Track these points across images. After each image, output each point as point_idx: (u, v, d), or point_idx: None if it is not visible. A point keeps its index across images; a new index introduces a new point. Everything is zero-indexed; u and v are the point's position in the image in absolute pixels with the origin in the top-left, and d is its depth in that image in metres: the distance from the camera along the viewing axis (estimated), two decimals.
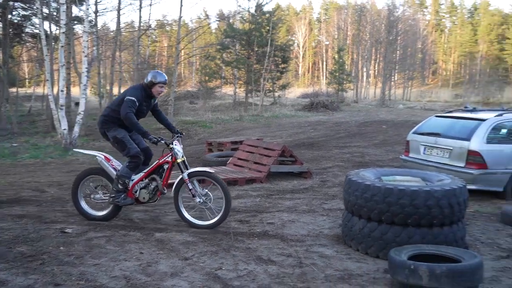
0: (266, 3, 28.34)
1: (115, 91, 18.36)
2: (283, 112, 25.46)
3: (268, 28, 27.45)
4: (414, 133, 7.71)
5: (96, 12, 16.88)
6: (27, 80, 34.81)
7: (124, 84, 24.14)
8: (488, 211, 6.01)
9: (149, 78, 5.04)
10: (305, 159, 9.90)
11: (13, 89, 23.51)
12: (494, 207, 6.15)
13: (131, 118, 4.86)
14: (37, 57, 25.05)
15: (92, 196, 5.25)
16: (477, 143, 6.54)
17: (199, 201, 4.99)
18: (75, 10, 19.81)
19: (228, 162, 8.72)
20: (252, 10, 28.32)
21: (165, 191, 5.12)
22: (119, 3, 16.59)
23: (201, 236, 4.70)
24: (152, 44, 42.38)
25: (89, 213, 5.24)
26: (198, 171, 5.10)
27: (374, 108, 31.29)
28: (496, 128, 6.78)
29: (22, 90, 27.75)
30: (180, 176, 5.00)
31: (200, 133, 16.83)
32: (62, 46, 12.75)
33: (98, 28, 18.43)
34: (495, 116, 6.88)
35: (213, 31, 57.91)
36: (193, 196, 4.97)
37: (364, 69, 52.95)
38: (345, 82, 38.09)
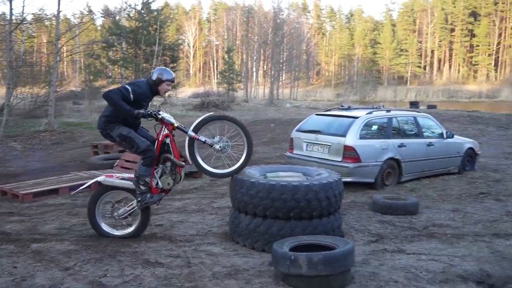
0: (153, 1, 27.70)
1: None
2: (174, 112, 25.11)
3: (156, 26, 26.88)
4: (297, 131, 8.15)
5: None
6: None
7: None
8: (362, 200, 6.59)
9: (156, 75, 4.65)
10: None
11: None
12: (367, 197, 6.75)
13: (112, 98, 4.37)
14: None
15: (115, 214, 4.72)
16: (351, 139, 7.12)
17: (220, 146, 4.60)
18: None
19: (115, 165, 8.40)
20: (139, 8, 27.48)
21: (184, 163, 4.70)
22: None
23: (84, 243, 4.48)
24: (29, 40, 39.00)
25: (114, 234, 4.71)
26: (201, 120, 4.63)
27: (263, 107, 32.36)
28: (367, 125, 7.46)
29: None
30: (187, 137, 4.60)
31: (85, 135, 15.91)
32: None
33: None
34: (366, 114, 7.57)
35: (98, 28, 55.08)
36: (211, 146, 4.60)
37: (253, 69, 54.44)
38: (235, 82, 38.84)
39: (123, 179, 4.71)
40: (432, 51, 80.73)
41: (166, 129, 4.63)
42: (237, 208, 4.56)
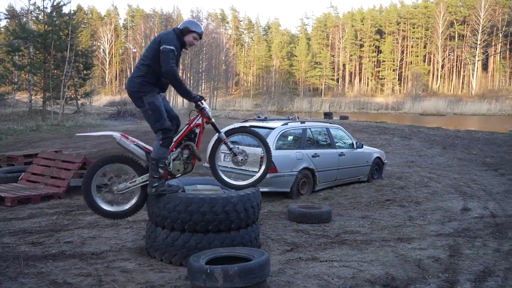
0: (64, 4, 26.29)
1: None
2: (88, 121, 24.02)
3: (67, 31, 25.54)
4: None
5: None
6: None
7: None
8: (278, 210, 6.75)
9: (184, 25, 4.43)
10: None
11: None
12: (283, 206, 6.93)
13: (177, 74, 4.21)
14: None
15: (114, 188, 4.35)
16: None
17: (241, 160, 4.63)
18: None
19: (20, 178, 7.82)
20: (49, 11, 25.96)
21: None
22: None
23: None
24: None
25: (108, 210, 4.40)
26: (235, 128, 4.68)
27: (183, 117, 31.87)
28: (283, 136, 7.68)
29: None
30: (216, 136, 4.53)
31: None
32: None
33: None
34: (281, 125, 7.79)
35: (2, 30, 51.12)
36: (235, 155, 4.58)
37: None
38: None
39: (138, 145, 4.44)
40: (344, 65, 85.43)
41: (201, 119, 4.56)
42: (154, 222, 4.45)
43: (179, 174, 4.60)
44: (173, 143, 4.50)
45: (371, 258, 4.54)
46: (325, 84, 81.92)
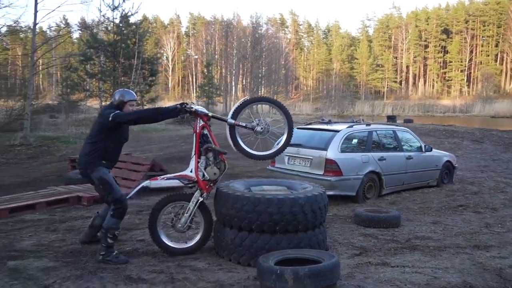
0: (132, 14, 27.55)
1: None
2: (153, 126, 24.92)
3: (134, 40, 26.74)
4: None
5: None
6: None
7: None
8: (344, 214, 6.62)
9: (117, 98, 4.60)
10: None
11: None
12: (349, 210, 6.79)
13: (138, 112, 4.56)
14: None
15: (178, 226, 4.55)
16: (333, 152, 7.18)
17: (262, 128, 4.67)
18: None
19: None
20: (117, 21, 27.32)
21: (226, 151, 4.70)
22: None
23: (63, 260, 4.35)
24: (3, 52, 38.33)
25: (175, 248, 4.57)
26: (238, 106, 4.69)
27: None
28: (348, 138, 7.54)
29: None
30: (227, 126, 4.67)
31: (63, 149, 15.60)
32: None
33: None
34: (346, 128, 7.65)
35: (76, 40, 54.51)
36: (253, 129, 4.66)
37: (233, 83, 54.61)
38: (214, 95, 38.87)
39: (169, 178, 4.62)
40: (407, 67, 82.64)
41: (201, 120, 4.62)
42: (222, 222, 4.51)
43: (218, 176, 4.63)
44: (194, 155, 4.60)
45: (446, 265, 4.32)
46: (387, 87, 79.66)
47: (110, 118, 4.38)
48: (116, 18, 27.55)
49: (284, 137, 4.86)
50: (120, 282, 3.81)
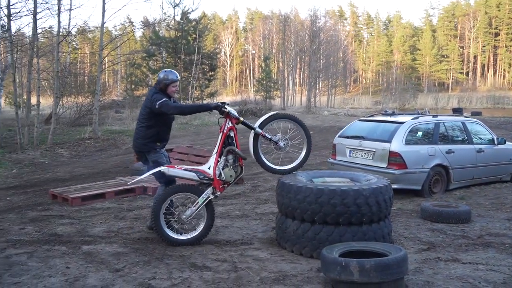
0: (192, 10, 28.20)
1: (33, 100, 17.28)
2: (213, 120, 25.35)
3: (194, 36, 27.33)
4: (339, 136, 8.02)
5: (9, 15, 15.78)
6: None
7: (43, 93, 22.84)
8: (409, 208, 6.38)
9: (161, 79, 4.84)
10: None
11: None
12: (414, 204, 6.54)
13: (182, 106, 5.07)
14: None
15: (183, 216, 4.57)
16: (397, 145, 6.93)
17: (284, 145, 4.86)
18: None
19: None
20: (178, 18, 28.05)
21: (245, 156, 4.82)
22: (35, 7, 15.62)
23: (132, 246, 4.53)
24: (73, 51, 40.56)
25: (178, 239, 4.58)
26: (268, 117, 4.87)
27: (301, 115, 32.17)
28: (413, 130, 7.24)
29: None
30: (252, 133, 4.81)
31: (128, 142, 16.26)
32: None
33: (12, 33, 17.24)
34: (411, 119, 7.35)
35: (138, 38, 56.61)
36: (276, 143, 4.83)
37: (290, 77, 54.37)
38: (272, 89, 38.90)
39: (186, 170, 4.69)
40: (475, 57, 78.15)
41: (230, 122, 4.74)
42: (284, 213, 4.50)
43: (233, 180, 4.74)
44: (216, 154, 4.69)
45: None
46: (452, 78, 75.81)
47: (157, 106, 4.66)
48: (177, 15, 28.30)
49: (302, 154, 5.01)
50: (185, 269, 3.90)
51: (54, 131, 15.95)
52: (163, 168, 4.62)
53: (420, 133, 7.42)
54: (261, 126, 4.78)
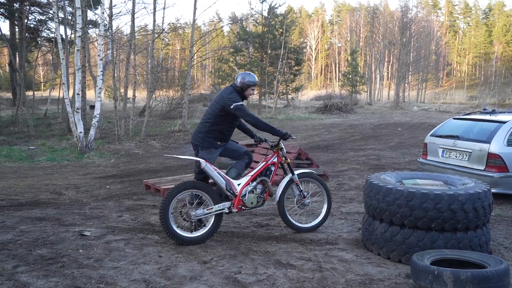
0: (279, 5, 28.41)
1: (130, 93, 18.50)
2: (297, 115, 25.39)
3: (281, 30, 27.44)
4: (432, 135, 7.61)
5: (110, 16, 17.01)
6: (42, 84, 35.32)
7: (138, 87, 24.35)
8: (510, 215, 5.89)
9: (241, 80, 4.83)
10: (321, 161, 9.84)
11: (29, 93, 23.87)
12: None
13: (257, 118, 4.76)
14: (53, 61, 25.38)
15: (192, 213, 4.53)
16: (497, 146, 6.42)
17: (309, 202, 5.12)
18: (90, 14, 20.01)
19: None
20: (265, 13, 28.32)
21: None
22: (133, 7, 16.69)
23: (218, 240, 4.68)
24: (166, 47, 42.71)
25: (185, 236, 4.49)
26: (307, 172, 5.15)
27: (388, 110, 31.05)
28: None
29: (38, 94, 28.13)
30: (288, 178, 4.98)
31: None
32: (77, 50, 12.88)
33: (113, 32, 18.58)
34: None
35: (226, 34, 58.15)
36: (304, 197, 5.06)
37: (377, 71, 52.58)
38: (358, 84, 37.94)
39: (220, 174, 4.71)
40: None
41: (276, 158, 4.96)
42: (371, 215, 4.37)
43: (252, 207, 4.80)
44: (250, 176, 4.83)
45: None
46: None
47: (232, 107, 4.66)
48: (264, 10, 28.57)
49: (323, 213, 5.18)
50: (270, 266, 3.94)
51: (147, 123, 16.97)
52: (203, 162, 4.64)
53: None
54: (300, 177, 5.02)
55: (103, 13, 14.44)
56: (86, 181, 8.48)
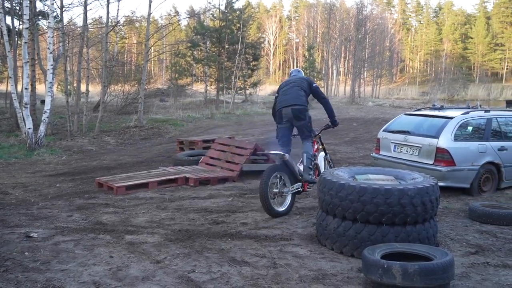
0: (237, 0, 28.20)
1: (83, 88, 17.89)
2: (255, 110, 25.44)
3: (238, 25, 27.34)
4: (384, 131, 7.80)
5: (61, 7, 16.34)
6: None
7: (92, 82, 23.60)
8: (456, 207, 6.13)
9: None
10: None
11: None
12: (462, 204, 6.29)
13: (327, 99, 6.20)
14: None
15: (285, 190, 5.54)
16: (445, 141, 6.66)
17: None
18: (39, 5, 19.16)
19: (200, 161, 8.62)
20: (223, 7, 28.13)
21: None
22: None
23: (173, 238, 4.60)
24: (121, 41, 41.60)
25: (278, 210, 5.48)
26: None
27: (344, 106, 31.69)
28: (462, 126, 6.92)
29: None
30: (324, 157, 6.56)
31: (171, 131, 16.60)
32: (25, 42, 12.27)
33: (64, 24, 17.86)
34: (461, 114, 7.03)
35: (183, 28, 57.34)
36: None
37: (334, 67, 53.51)
38: (315, 79, 38.43)
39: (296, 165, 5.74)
40: None
41: (316, 146, 6.25)
42: (325, 210, 4.42)
43: (312, 187, 6.05)
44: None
45: None
46: (507, 68, 72.08)
47: (314, 85, 5.98)
48: (221, 5, 28.35)
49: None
50: (225, 263, 3.92)
51: (101, 118, 16.48)
52: (286, 155, 5.51)
53: (470, 129, 7.09)
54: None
55: (53, 4, 13.82)
56: (35, 179, 8.13)
